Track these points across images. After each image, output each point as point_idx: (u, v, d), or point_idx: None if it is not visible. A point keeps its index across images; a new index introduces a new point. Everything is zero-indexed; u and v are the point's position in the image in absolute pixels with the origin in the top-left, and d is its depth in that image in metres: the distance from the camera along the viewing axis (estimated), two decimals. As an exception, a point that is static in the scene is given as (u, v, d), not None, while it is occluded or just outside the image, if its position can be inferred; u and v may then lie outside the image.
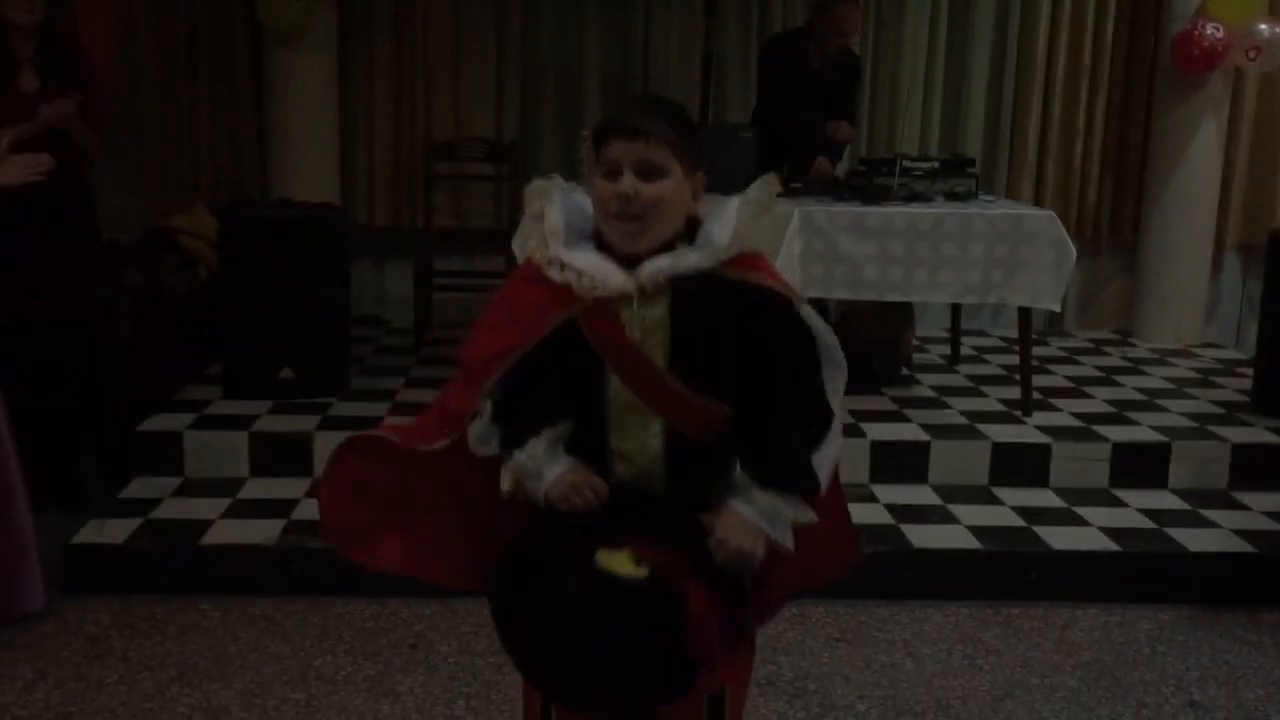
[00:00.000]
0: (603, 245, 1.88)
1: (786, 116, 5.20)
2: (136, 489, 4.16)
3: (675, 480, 1.86)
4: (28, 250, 4.05)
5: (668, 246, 1.87)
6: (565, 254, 1.86)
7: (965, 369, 5.56)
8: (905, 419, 4.68)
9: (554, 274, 1.85)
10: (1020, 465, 4.43)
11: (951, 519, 4.11)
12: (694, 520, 1.83)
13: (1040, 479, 4.42)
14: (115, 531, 3.79)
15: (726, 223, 1.88)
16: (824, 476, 1.87)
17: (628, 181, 1.80)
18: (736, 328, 1.85)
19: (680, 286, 1.85)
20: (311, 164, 5.77)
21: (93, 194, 4.38)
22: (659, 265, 1.84)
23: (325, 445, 4.28)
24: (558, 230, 1.88)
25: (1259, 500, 4.34)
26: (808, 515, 1.86)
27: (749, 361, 1.86)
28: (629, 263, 1.85)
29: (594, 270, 1.84)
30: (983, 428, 4.58)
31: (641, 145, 1.81)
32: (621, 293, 1.83)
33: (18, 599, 3.43)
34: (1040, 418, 4.73)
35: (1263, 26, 5.71)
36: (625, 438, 1.85)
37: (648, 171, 1.81)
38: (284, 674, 3.24)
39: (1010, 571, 3.85)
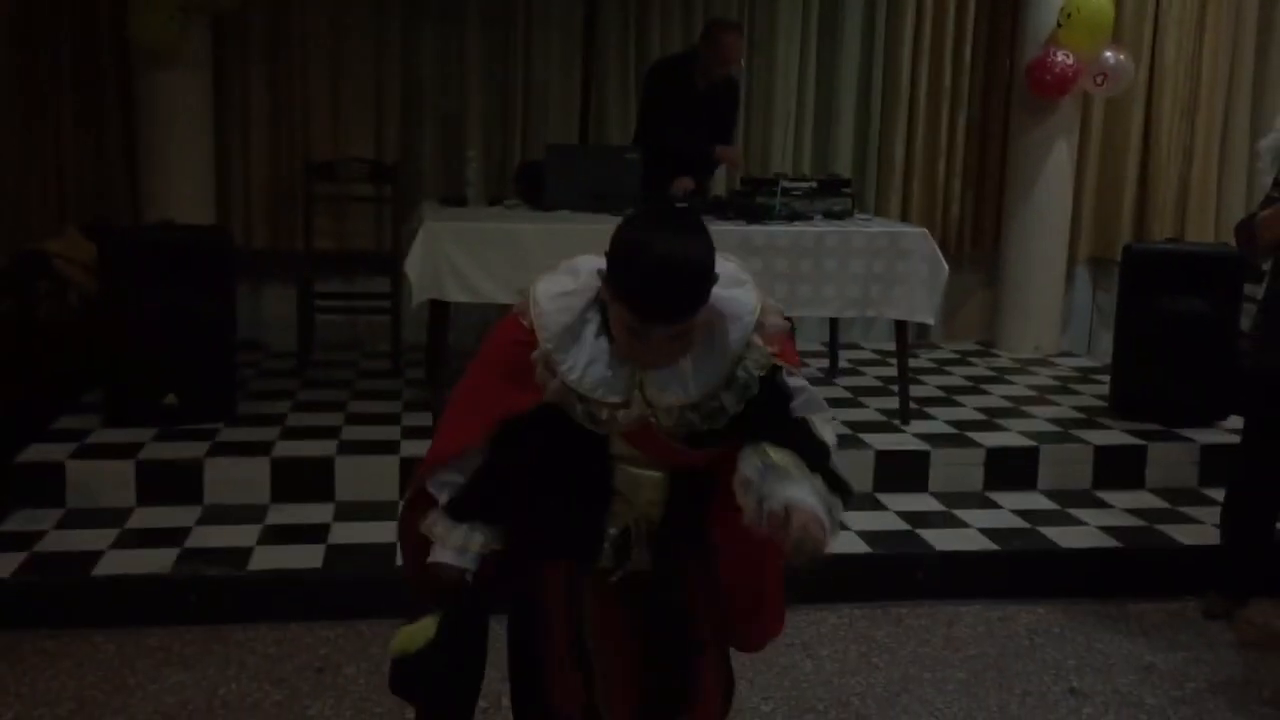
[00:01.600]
0: (608, 331, 1.83)
1: (674, 138, 5.32)
2: (17, 522, 4.02)
3: (670, 513, 1.96)
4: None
5: None
6: (565, 367, 1.81)
7: (843, 381, 5.76)
8: (791, 430, 4.83)
9: (550, 387, 1.82)
10: (901, 471, 4.62)
11: (839, 525, 4.25)
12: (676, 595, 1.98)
13: (920, 484, 4.63)
14: (0, 565, 3.67)
15: (745, 321, 1.84)
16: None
17: (662, 349, 1.75)
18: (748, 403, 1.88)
19: None
20: (186, 185, 5.67)
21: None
22: (688, 417, 1.84)
23: (215, 472, 4.24)
24: (550, 348, 1.82)
25: (1121, 498, 4.62)
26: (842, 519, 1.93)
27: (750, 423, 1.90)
28: None
29: (603, 393, 1.81)
30: (865, 436, 4.77)
31: (680, 326, 1.74)
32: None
33: None
34: (917, 426, 4.94)
35: (1109, 54, 6.09)
36: (627, 481, 1.94)
37: (680, 334, 1.75)
38: (188, 704, 3.19)
39: (898, 573, 4.03)
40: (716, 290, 1.78)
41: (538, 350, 1.83)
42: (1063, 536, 4.24)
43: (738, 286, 1.86)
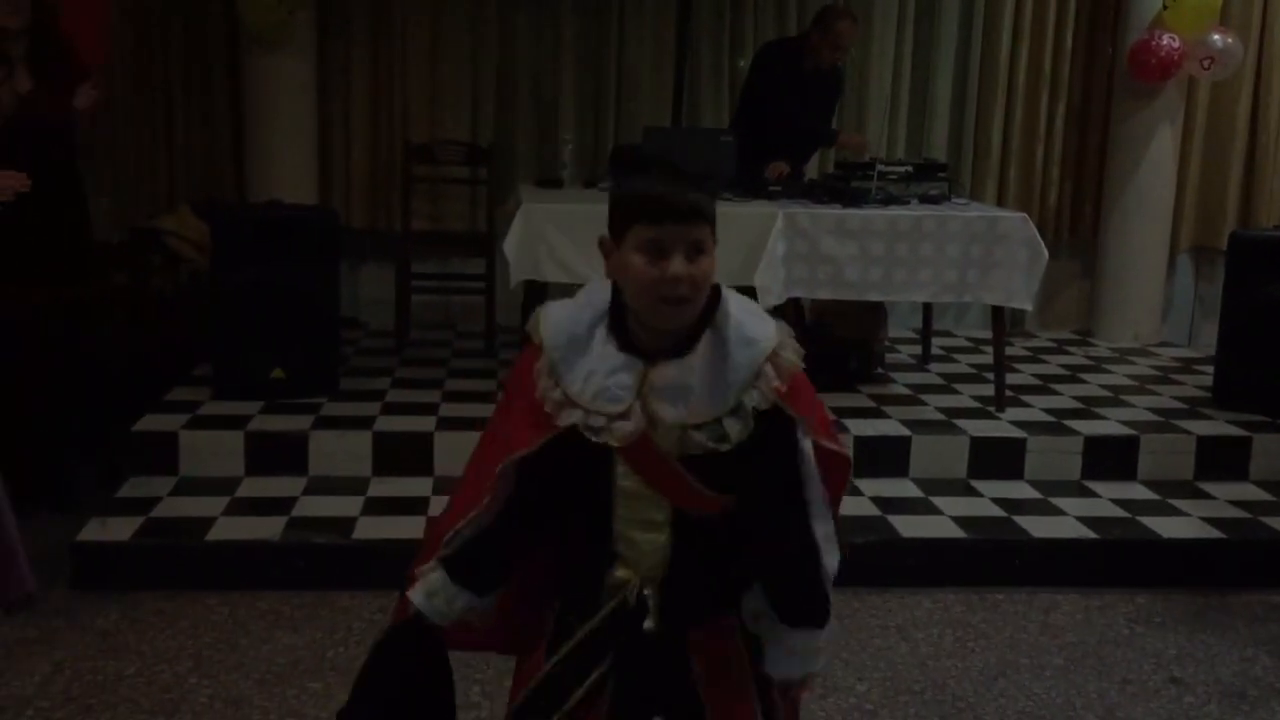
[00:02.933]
0: (620, 326, 1.77)
1: (790, 119, 5.32)
2: (132, 488, 4.18)
3: (676, 566, 1.80)
4: (20, 248, 4.07)
5: (692, 331, 1.76)
6: (568, 378, 1.75)
7: (936, 367, 5.72)
8: (885, 415, 4.82)
9: (552, 399, 1.75)
10: (996, 459, 4.59)
11: (935, 510, 4.26)
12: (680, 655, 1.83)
13: (1016, 472, 4.59)
14: (118, 529, 3.82)
15: (749, 366, 1.74)
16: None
17: (681, 265, 1.68)
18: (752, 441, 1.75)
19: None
20: (289, 166, 5.81)
21: (86, 194, 4.40)
22: (690, 439, 1.74)
23: (320, 444, 4.35)
24: (555, 358, 1.76)
25: (1223, 490, 4.54)
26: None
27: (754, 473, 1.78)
28: (650, 356, 1.74)
29: (603, 402, 1.74)
30: (959, 423, 4.74)
31: (693, 228, 1.69)
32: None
33: (9, 583, 3.44)
34: (1013, 413, 4.90)
35: (1216, 37, 5.95)
36: (631, 525, 1.79)
37: (697, 251, 1.70)
38: (299, 664, 3.30)
39: (994, 559, 4.01)
40: (733, 311, 1.75)
41: (540, 361, 1.77)
42: (1163, 527, 4.18)
43: (756, 316, 1.79)
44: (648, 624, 1.81)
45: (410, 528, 3.92)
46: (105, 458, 4.41)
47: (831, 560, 1.80)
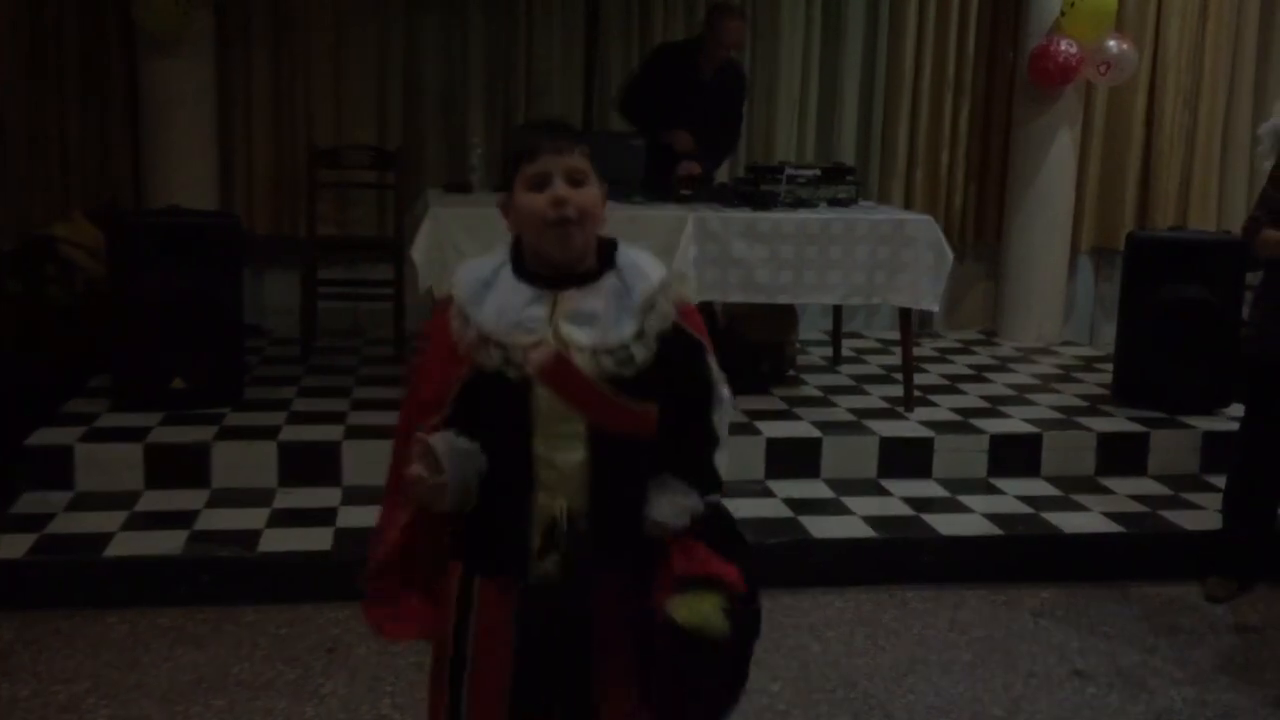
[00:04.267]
0: (522, 269, 1.91)
1: (660, 126, 5.32)
2: (27, 504, 4.04)
3: (596, 487, 1.88)
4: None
5: (594, 271, 1.90)
6: (481, 316, 1.88)
7: (846, 369, 5.79)
8: (796, 417, 4.86)
9: (467, 339, 1.87)
10: (905, 458, 4.65)
11: (845, 510, 4.30)
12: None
13: (924, 471, 4.65)
14: (11, 546, 3.69)
15: (646, 290, 1.90)
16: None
17: (562, 187, 1.86)
18: (657, 371, 1.89)
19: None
20: (189, 171, 5.67)
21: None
22: (600, 362, 1.86)
23: (223, 455, 4.25)
24: (464, 299, 1.90)
25: (1124, 485, 4.65)
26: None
27: (663, 393, 1.90)
28: (553, 282, 1.88)
29: (517, 333, 1.86)
30: (869, 423, 4.80)
31: (568, 157, 1.88)
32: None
33: None
34: (921, 413, 4.97)
35: (1112, 43, 6.11)
36: (550, 445, 1.87)
37: (576, 180, 1.87)
38: (202, 681, 3.21)
39: (903, 557, 4.06)
40: (630, 254, 1.93)
41: (452, 309, 1.90)
42: (1066, 522, 4.27)
43: (649, 258, 1.95)
44: (551, 562, 1.87)
45: (317, 539, 3.86)
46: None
47: (724, 455, 1.97)
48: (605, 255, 1.93)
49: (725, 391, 1.98)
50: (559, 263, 1.88)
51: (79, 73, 5.85)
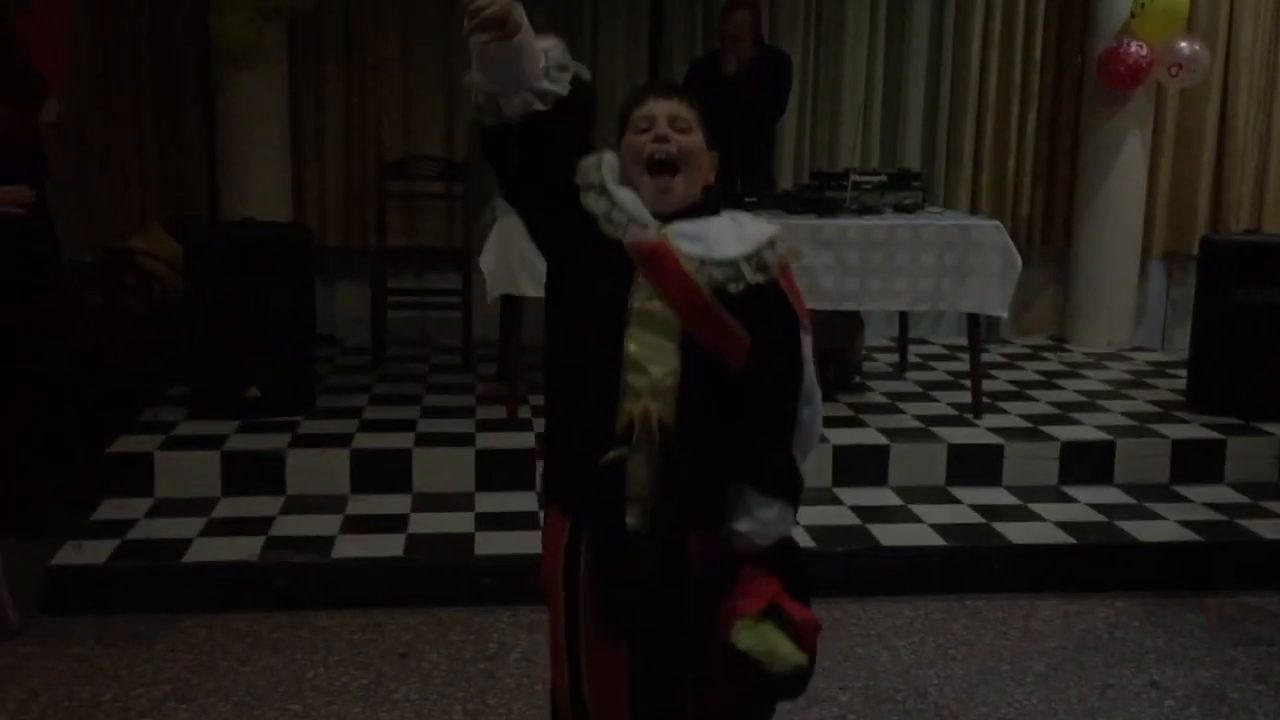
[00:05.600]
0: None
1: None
2: (108, 510, 4.15)
3: (684, 404, 1.88)
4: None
5: (691, 212, 1.95)
6: (609, 182, 1.96)
7: (913, 375, 5.75)
8: (863, 424, 4.84)
9: (589, 199, 1.94)
10: (975, 465, 4.61)
11: (914, 518, 4.27)
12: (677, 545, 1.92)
13: (994, 478, 4.61)
14: (94, 552, 3.79)
15: (759, 238, 1.96)
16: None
17: (663, 125, 1.93)
18: (748, 310, 1.91)
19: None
20: (263, 184, 5.78)
21: (50, 213, 4.37)
22: (706, 272, 1.89)
23: (297, 463, 4.33)
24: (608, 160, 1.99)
25: (1198, 492, 4.57)
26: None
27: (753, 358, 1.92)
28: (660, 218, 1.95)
29: (625, 210, 1.93)
30: (937, 430, 4.76)
31: (674, 103, 1.95)
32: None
33: None
34: (990, 420, 4.92)
35: (1184, 44, 6.01)
36: (643, 346, 1.88)
37: (680, 128, 1.93)
38: (278, 686, 3.27)
39: (973, 565, 4.02)
40: (741, 212, 2.03)
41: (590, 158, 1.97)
42: (1140, 530, 4.20)
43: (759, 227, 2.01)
44: (630, 520, 1.88)
45: (389, 545, 3.91)
46: (78, 480, 4.37)
47: (805, 443, 1.99)
48: (713, 203, 1.99)
49: (812, 377, 1.99)
50: (661, 211, 1.93)
51: (157, 87, 5.99)
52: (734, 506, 1.93)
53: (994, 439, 4.68)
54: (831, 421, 4.83)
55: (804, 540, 3.97)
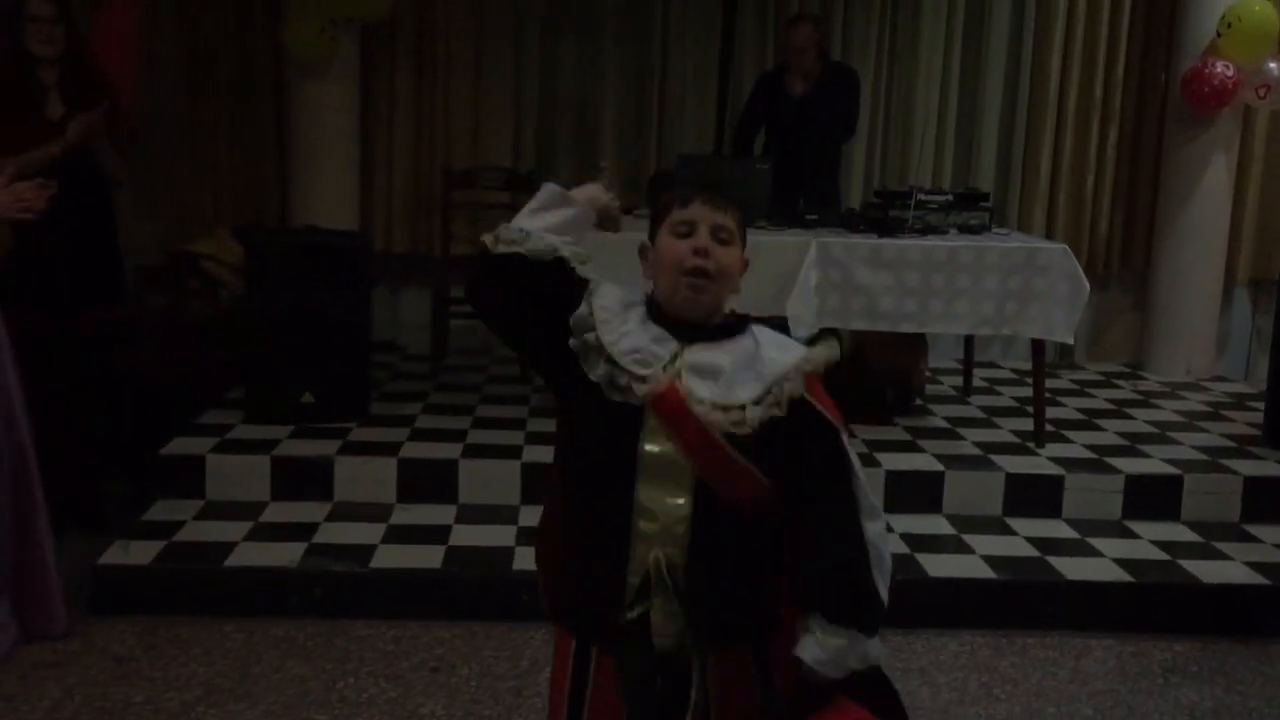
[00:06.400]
0: (656, 315, 1.89)
1: (775, 149, 5.52)
2: (159, 511, 4.20)
3: (696, 546, 1.82)
4: (51, 271, 4.12)
5: (716, 331, 1.88)
6: (604, 334, 1.85)
7: (977, 400, 5.60)
8: (919, 449, 4.72)
9: (589, 367, 1.83)
10: (1033, 496, 4.46)
11: (966, 549, 4.15)
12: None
13: (1053, 510, 4.46)
14: (140, 553, 3.84)
15: (777, 369, 1.85)
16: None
17: (705, 237, 1.86)
18: (783, 431, 1.83)
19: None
20: (332, 191, 5.85)
21: (115, 217, 4.45)
22: (714, 417, 1.81)
23: (345, 470, 4.35)
24: (599, 309, 1.87)
25: (1271, 533, 4.37)
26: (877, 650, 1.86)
27: (789, 470, 1.84)
28: (680, 332, 1.86)
29: (634, 361, 1.83)
30: (996, 459, 4.62)
31: (720, 213, 1.88)
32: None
33: (39, 620, 3.48)
34: (1053, 449, 4.77)
35: (1273, 65, 5.79)
36: (654, 493, 1.82)
37: (721, 239, 1.87)
38: (307, 695, 3.28)
39: (1025, 601, 3.89)
40: (766, 331, 1.92)
41: (586, 291, 1.88)
42: (1204, 571, 4.03)
43: (784, 336, 1.93)
44: (644, 611, 1.81)
45: (429, 557, 3.91)
46: (136, 481, 4.45)
47: (882, 566, 1.84)
48: (739, 321, 1.92)
49: (867, 490, 1.86)
50: (684, 317, 1.87)
51: (230, 96, 6.10)
52: (801, 635, 1.83)
53: (1055, 469, 4.53)
54: (887, 445, 4.73)
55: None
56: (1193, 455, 4.77)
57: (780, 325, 4.14)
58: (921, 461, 4.57)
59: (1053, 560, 4.07)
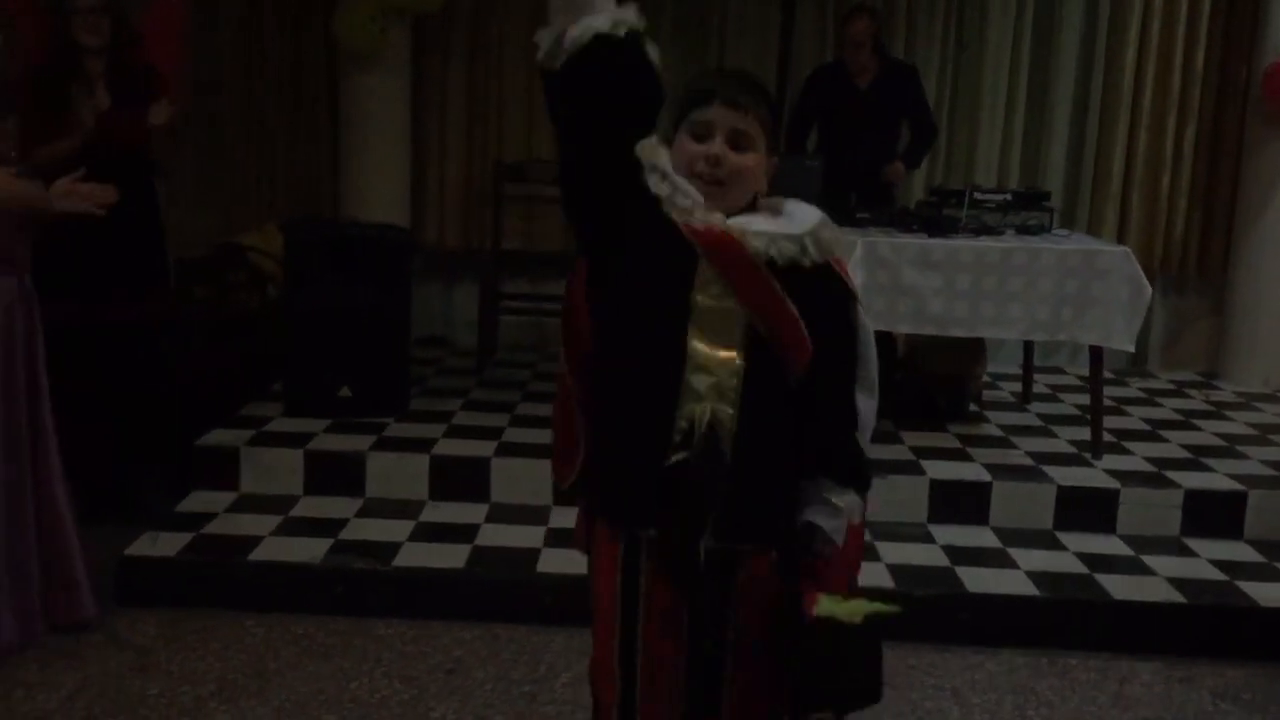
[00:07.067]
0: None
1: (822, 145, 5.42)
2: (193, 502, 4.22)
3: (747, 407, 1.82)
4: (95, 260, 4.15)
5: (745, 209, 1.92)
6: (669, 169, 1.86)
7: (1037, 407, 5.40)
8: (968, 458, 4.55)
9: (652, 181, 1.85)
10: (1086, 510, 4.28)
11: (1011, 563, 3.98)
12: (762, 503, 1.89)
13: (1107, 525, 4.27)
14: (168, 544, 3.84)
15: (812, 220, 1.91)
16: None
17: (719, 145, 1.84)
18: (805, 298, 1.86)
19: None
20: (384, 184, 5.83)
21: (158, 208, 4.47)
22: (762, 229, 1.85)
23: (377, 466, 4.32)
24: (664, 150, 1.90)
25: (1341, 555, 4.14)
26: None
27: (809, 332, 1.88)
28: None
29: (690, 196, 1.85)
30: (1049, 469, 4.44)
31: (739, 115, 1.85)
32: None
33: (65, 609, 3.49)
34: (1110, 461, 4.57)
35: (1361, 59, 5.49)
36: (706, 341, 1.83)
37: (738, 142, 1.85)
38: (320, 694, 3.24)
39: (1069, 620, 3.72)
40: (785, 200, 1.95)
41: (653, 160, 1.86)
42: (1264, 594, 3.81)
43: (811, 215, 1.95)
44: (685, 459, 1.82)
45: (453, 556, 3.86)
46: (174, 471, 4.46)
47: (864, 437, 1.95)
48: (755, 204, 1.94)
49: (874, 361, 1.94)
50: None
51: (283, 88, 6.12)
52: (810, 499, 1.91)
53: (1110, 482, 4.33)
54: (935, 453, 4.57)
55: (883, 579, 3.75)
56: (1260, 470, 4.54)
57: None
58: (969, 470, 4.41)
59: (1102, 578, 3.88)
